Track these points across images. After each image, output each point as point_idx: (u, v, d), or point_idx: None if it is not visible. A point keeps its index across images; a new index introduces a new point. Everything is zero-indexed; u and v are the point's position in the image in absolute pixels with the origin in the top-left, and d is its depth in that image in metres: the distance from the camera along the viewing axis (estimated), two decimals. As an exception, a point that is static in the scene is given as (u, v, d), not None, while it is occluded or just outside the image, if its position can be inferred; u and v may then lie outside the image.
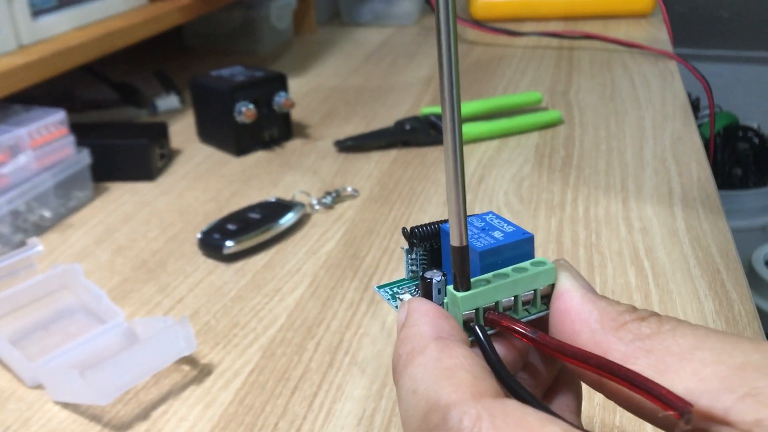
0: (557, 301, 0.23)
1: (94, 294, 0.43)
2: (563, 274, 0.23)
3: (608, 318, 0.22)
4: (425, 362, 0.21)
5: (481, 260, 0.23)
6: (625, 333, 0.21)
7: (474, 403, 0.19)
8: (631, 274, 0.44)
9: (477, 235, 0.24)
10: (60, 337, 0.42)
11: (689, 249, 0.46)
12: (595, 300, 0.22)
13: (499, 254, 0.24)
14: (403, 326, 0.23)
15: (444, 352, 0.21)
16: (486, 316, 0.23)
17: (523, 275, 0.23)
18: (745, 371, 0.19)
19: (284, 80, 0.68)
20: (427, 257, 0.27)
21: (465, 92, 0.81)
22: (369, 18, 1.15)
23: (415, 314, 0.23)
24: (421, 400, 0.20)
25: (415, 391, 0.20)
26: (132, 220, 0.56)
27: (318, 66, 0.95)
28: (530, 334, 0.22)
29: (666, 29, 1.00)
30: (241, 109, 0.64)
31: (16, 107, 0.56)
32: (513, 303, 0.23)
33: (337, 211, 0.55)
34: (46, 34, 0.63)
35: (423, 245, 0.26)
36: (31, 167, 0.53)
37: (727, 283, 0.43)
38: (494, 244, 0.24)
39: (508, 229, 0.24)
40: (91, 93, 0.81)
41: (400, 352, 0.22)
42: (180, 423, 0.35)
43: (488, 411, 0.19)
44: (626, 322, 0.21)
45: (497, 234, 0.24)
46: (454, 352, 0.21)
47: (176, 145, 0.69)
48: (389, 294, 0.27)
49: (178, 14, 0.77)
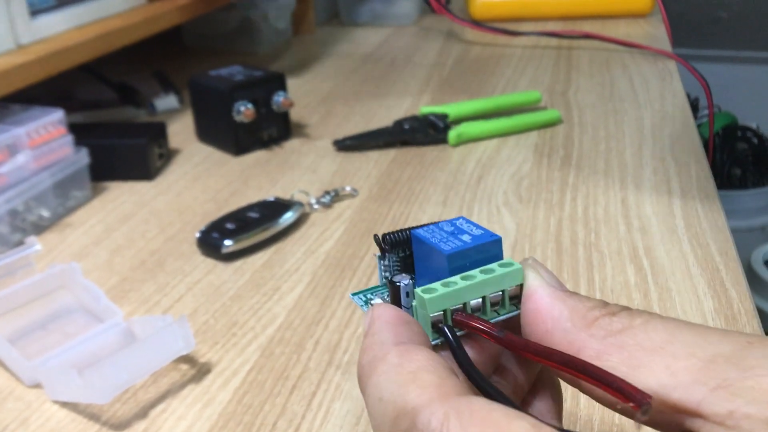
0: (527, 302, 0.23)
1: (93, 293, 0.43)
2: (531, 273, 0.23)
3: (579, 315, 0.22)
4: (387, 369, 0.21)
5: (449, 263, 0.23)
6: (596, 330, 0.21)
7: (441, 403, 0.19)
8: (630, 273, 0.44)
9: (445, 239, 0.24)
10: (58, 336, 0.42)
11: (688, 247, 0.46)
12: (564, 298, 0.22)
13: (468, 257, 0.24)
14: (365, 335, 0.23)
15: (405, 357, 0.21)
16: (454, 317, 0.23)
17: (490, 276, 0.23)
18: (715, 363, 0.19)
19: (283, 80, 0.68)
20: (399, 264, 0.27)
21: (464, 92, 0.81)
22: (368, 18, 1.15)
23: (376, 322, 0.23)
24: (388, 407, 0.20)
25: (381, 399, 0.20)
26: (130, 220, 0.55)
27: (317, 66, 0.95)
28: (496, 333, 0.22)
29: (665, 29, 1.00)
30: (239, 108, 0.64)
31: (15, 107, 0.56)
32: (481, 304, 0.23)
33: (336, 211, 0.55)
34: (44, 33, 0.63)
35: (395, 251, 0.26)
36: (29, 167, 0.53)
37: (726, 281, 0.43)
38: (462, 246, 0.24)
39: (476, 232, 0.25)
40: (90, 93, 0.81)
41: (362, 362, 0.22)
42: (178, 422, 0.35)
43: (455, 410, 0.19)
44: (597, 318, 0.21)
45: (465, 237, 0.24)
46: (415, 356, 0.21)
47: (175, 145, 0.69)
48: (362, 300, 0.27)
49: (176, 14, 0.77)
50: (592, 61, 0.89)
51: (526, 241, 0.49)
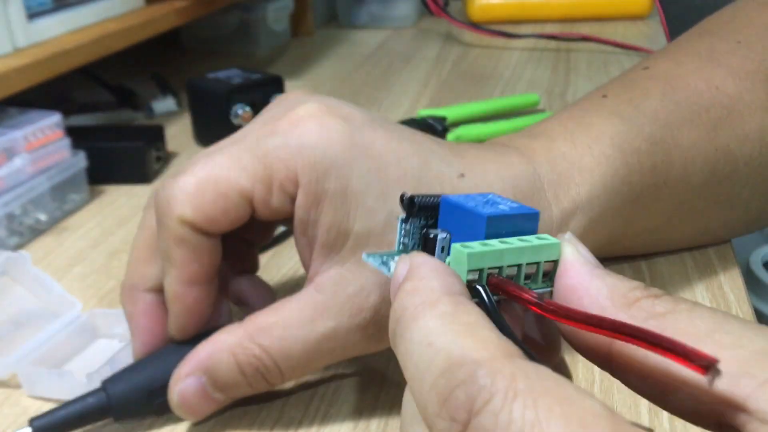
0: (563, 277, 0.22)
1: (45, 284, 0.42)
2: (569, 248, 0.22)
3: (619, 294, 0.20)
4: (441, 315, 0.19)
5: (487, 226, 0.22)
6: (637, 311, 0.20)
7: (507, 362, 0.17)
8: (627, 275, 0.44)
9: (482, 205, 0.23)
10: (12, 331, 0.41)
11: (686, 250, 0.46)
12: (603, 275, 0.21)
13: (505, 224, 0.23)
14: (408, 279, 0.21)
15: (459, 308, 0.19)
16: (489, 280, 0.22)
17: (528, 244, 0.22)
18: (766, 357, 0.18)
19: (281, 83, 0.68)
20: (418, 234, 0.25)
21: (462, 94, 0.81)
22: (366, 20, 1.15)
23: (422, 268, 0.21)
24: (439, 354, 0.18)
25: (430, 344, 0.18)
26: (128, 223, 0.55)
27: (315, 68, 0.95)
28: (536, 300, 0.21)
29: (663, 31, 1.00)
30: (237, 111, 0.64)
31: (12, 110, 0.56)
32: (516, 273, 0.22)
33: (334, 214, 0.55)
34: (41, 36, 0.63)
35: (420, 215, 0.25)
36: (26, 170, 0.52)
37: (725, 284, 0.42)
38: (501, 212, 0.23)
39: (512, 204, 0.24)
40: (87, 95, 0.81)
41: (406, 304, 0.20)
42: (174, 428, 0.35)
43: (524, 373, 0.17)
44: (638, 299, 0.20)
45: (502, 206, 0.23)
46: (471, 309, 0.19)
47: (173, 148, 0.69)
48: (380, 260, 0.25)
49: (174, 16, 0.77)
50: (591, 64, 0.89)
51: (524, 244, 0.49)
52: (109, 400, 0.33)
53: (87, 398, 0.33)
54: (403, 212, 0.25)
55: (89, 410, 0.33)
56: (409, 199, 0.25)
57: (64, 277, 0.48)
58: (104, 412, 0.33)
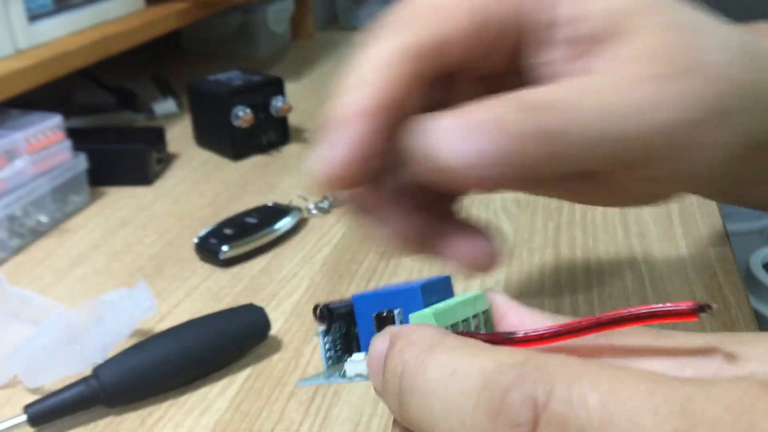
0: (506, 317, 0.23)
1: (24, 299, 0.42)
2: (499, 296, 0.24)
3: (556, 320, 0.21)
4: (450, 349, 0.18)
5: (423, 294, 0.23)
6: None
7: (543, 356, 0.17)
8: (628, 278, 0.44)
9: (403, 284, 0.24)
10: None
11: (686, 253, 0.46)
12: (536, 311, 0.23)
13: (434, 290, 0.24)
14: (393, 344, 0.20)
15: (465, 341, 0.19)
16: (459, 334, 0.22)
17: (465, 298, 0.23)
18: None
19: (281, 85, 0.68)
20: (341, 342, 0.25)
21: (462, 96, 0.81)
22: (367, 22, 1.15)
23: (403, 330, 0.21)
24: (470, 374, 0.17)
25: (454, 372, 0.17)
26: (129, 225, 0.55)
27: (315, 70, 0.95)
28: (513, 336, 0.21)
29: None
30: (238, 113, 0.64)
31: (13, 112, 0.56)
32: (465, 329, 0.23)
33: (335, 216, 0.55)
34: (42, 38, 0.63)
35: (339, 323, 0.25)
36: (27, 172, 0.53)
37: (725, 287, 0.43)
38: (427, 281, 0.24)
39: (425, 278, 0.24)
40: (88, 97, 0.81)
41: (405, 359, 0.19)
42: (176, 429, 0.35)
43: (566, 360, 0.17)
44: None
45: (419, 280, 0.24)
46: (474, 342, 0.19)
47: (173, 150, 0.69)
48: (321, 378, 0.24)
49: (175, 18, 0.77)
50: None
51: (524, 246, 0.49)
52: (101, 386, 0.34)
53: (79, 385, 0.34)
54: (322, 325, 0.25)
55: (82, 396, 0.34)
56: (325, 307, 0.25)
57: (65, 279, 0.48)
58: (96, 398, 0.35)
